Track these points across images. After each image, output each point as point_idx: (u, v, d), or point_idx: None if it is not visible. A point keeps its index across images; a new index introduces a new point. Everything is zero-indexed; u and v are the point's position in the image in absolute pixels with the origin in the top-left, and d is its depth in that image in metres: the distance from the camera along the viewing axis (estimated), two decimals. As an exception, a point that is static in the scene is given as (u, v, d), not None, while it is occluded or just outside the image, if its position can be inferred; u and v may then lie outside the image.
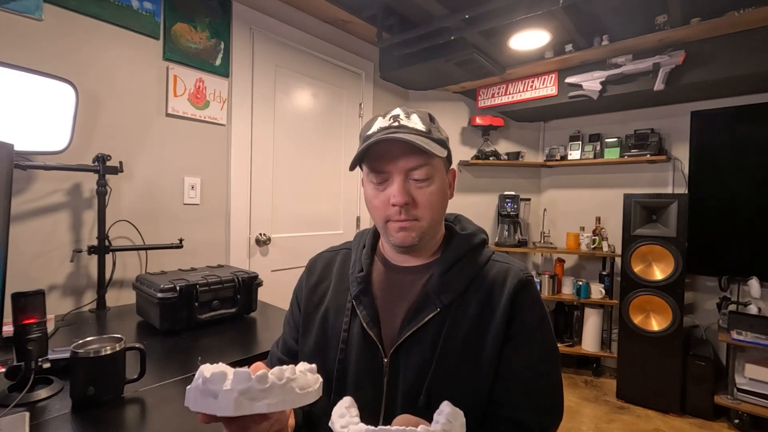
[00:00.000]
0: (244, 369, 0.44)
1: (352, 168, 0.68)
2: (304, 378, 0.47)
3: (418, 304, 0.65)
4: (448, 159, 0.71)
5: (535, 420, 0.62)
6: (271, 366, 0.52)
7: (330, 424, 0.47)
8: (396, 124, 0.64)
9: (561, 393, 0.67)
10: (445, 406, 0.47)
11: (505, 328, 0.63)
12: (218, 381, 0.43)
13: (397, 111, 0.66)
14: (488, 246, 0.73)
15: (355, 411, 0.49)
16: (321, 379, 0.51)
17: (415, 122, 0.64)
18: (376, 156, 0.64)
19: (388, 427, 0.42)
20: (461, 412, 0.47)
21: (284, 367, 0.47)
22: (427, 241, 0.68)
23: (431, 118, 0.68)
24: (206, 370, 0.45)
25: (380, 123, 0.65)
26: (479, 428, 0.60)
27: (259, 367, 0.50)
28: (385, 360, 0.64)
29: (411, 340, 0.64)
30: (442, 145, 0.65)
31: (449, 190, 0.71)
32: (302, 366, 0.49)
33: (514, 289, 0.65)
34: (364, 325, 0.66)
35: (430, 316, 0.64)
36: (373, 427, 0.42)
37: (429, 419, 0.47)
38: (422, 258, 0.70)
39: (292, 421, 0.58)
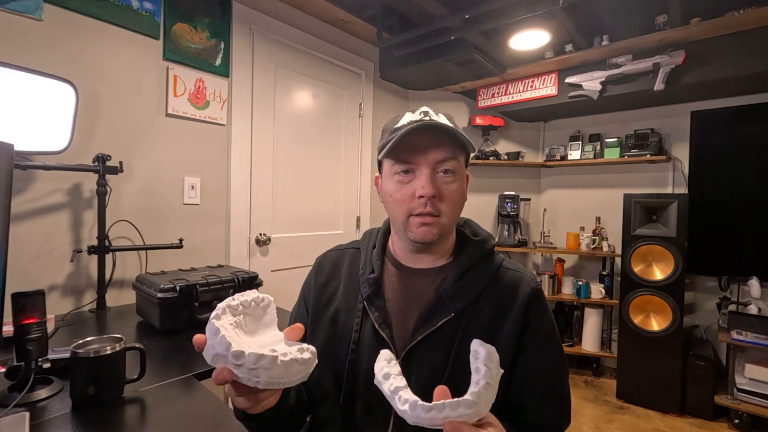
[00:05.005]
0: (226, 339, 0.45)
1: (382, 157, 0.68)
2: (282, 369, 0.46)
3: (432, 308, 0.66)
4: (466, 163, 0.71)
5: (555, 424, 0.65)
6: None
7: (375, 382, 0.49)
8: (427, 118, 0.65)
9: (570, 395, 0.69)
10: (478, 346, 0.47)
11: (518, 337, 0.65)
12: (210, 332, 0.46)
13: (426, 108, 0.67)
14: (496, 251, 0.74)
15: (396, 368, 0.50)
16: (308, 372, 0.50)
17: (444, 120, 0.66)
18: (405, 147, 0.64)
19: (441, 402, 0.43)
20: (494, 348, 0.47)
21: (270, 354, 0.46)
22: (443, 241, 0.69)
23: (454, 122, 0.69)
24: (215, 318, 0.48)
25: (410, 117, 0.66)
26: None
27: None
28: (398, 361, 0.65)
29: (424, 343, 0.64)
30: (468, 145, 0.66)
31: (466, 194, 0.71)
32: (292, 354, 0.48)
33: (527, 298, 0.66)
34: (376, 326, 0.67)
35: (444, 320, 0.64)
36: (425, 403, 0.43)
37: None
38: (434, 261, 0.71)
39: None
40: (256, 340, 0.53)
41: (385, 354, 0.52)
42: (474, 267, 0.69)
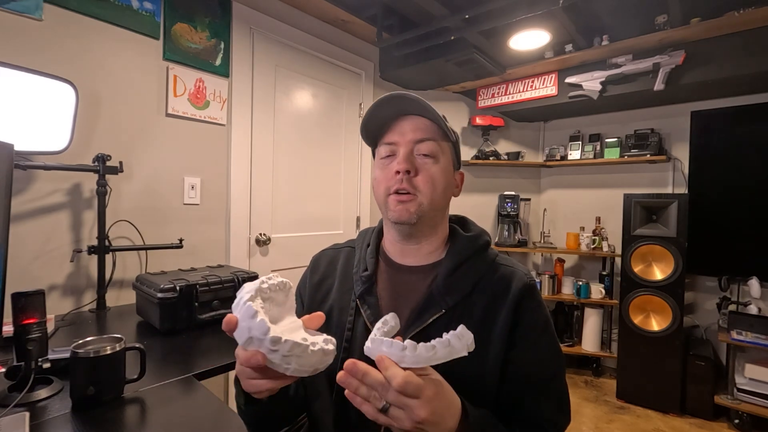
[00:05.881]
0: (266, 323, 0.46)
1: (362, 133, 0.72)
2: (311, 358, 0.48)
3: (423, 305, 0.66)
4: (457, 158, 0.73)
5: (552, 420, 0.65)
6: None
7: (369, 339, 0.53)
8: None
9: (568, 392, 0.68)
10: (460, 328, 0.49)
11: (510, 332, 0.64)
12: (246, 314, 0.46)
13: None
14: (491, 248, 0.74)
15: (392, 323, 0.56)
16: (328, 363, 0.51)
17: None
18: (387, 129, 0.68)
19: (382, 338, 0.49)
20: (471, 336, 0.49)
21: (304, 343, 0.47)
22: (427, 227, 0.69)
23: (444, 117, 0.71)
24: (251, 301, 0.48)
25: None
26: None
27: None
28: None
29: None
30: (449, 132, 0.68)
31: (456, 189, 0.73)
32: (320, 344, 0.50)
33: (519, 293, 0.66)
34: (368, 324, 0.67)
35: (435, 316, 0.64)
36: (373, 337, 0.50)
37: None
38: (426, 257, 0.71)
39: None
40: (278, 326, 0.53)
41: (390, 315, 0.57)
42: (467, 262, 0.69)
